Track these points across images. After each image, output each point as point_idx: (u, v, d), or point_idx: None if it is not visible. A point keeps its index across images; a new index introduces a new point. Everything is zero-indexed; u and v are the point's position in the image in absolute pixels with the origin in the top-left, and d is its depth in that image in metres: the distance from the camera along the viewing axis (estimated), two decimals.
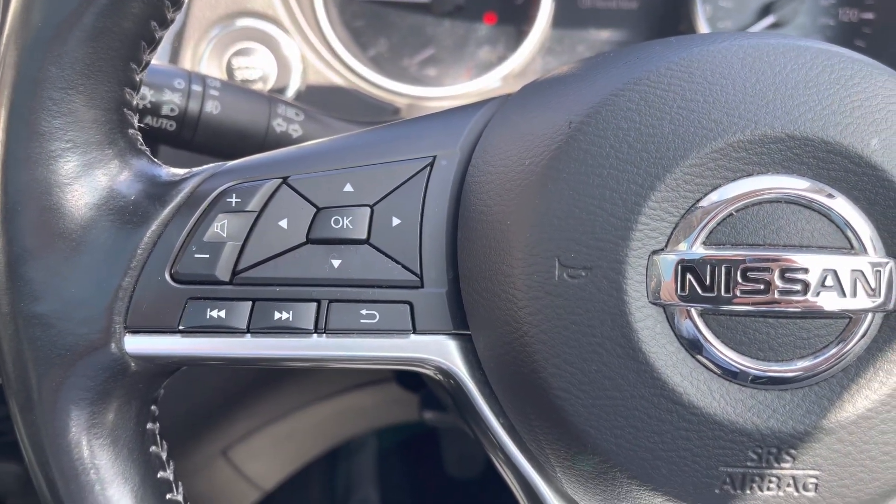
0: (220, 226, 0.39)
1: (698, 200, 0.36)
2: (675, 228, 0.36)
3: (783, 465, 0.36)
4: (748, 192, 0.36)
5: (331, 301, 0.39)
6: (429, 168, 0.41)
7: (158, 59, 0.71)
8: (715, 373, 0.36)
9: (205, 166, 0.42)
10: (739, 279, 0.35)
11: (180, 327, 0.38)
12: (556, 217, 0.37)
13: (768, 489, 0.36)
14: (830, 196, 0.36)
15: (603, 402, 0.36)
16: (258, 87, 0.71)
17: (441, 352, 0.40)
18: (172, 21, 0.40)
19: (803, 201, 0.36)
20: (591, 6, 0.90)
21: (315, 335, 0.39)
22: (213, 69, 0.70)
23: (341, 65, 0.77)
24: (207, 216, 0.39)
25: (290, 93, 0.72)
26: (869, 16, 0.87)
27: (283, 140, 0.58)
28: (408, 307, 0.40)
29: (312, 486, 1.21)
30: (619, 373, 0.36)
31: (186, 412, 0.79)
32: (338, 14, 0.87)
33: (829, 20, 0.87)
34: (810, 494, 0.36)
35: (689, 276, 0.36)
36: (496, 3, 0.89)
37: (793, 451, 0.35)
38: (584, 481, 0.38)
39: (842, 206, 0.36)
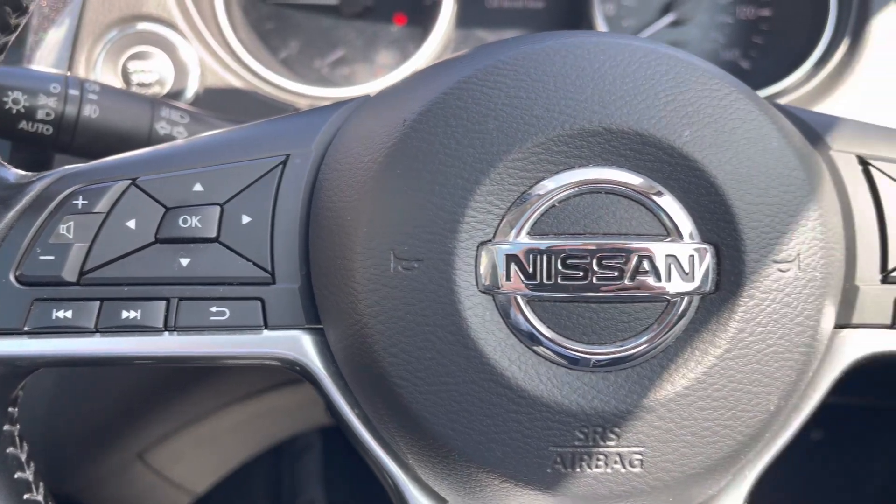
0: (67, 227, 0.39)
1: (523, 193, 0.38)
2: (501, 220, 0.38)
3: (609, 443, 0.37)
4: (569, 184, 0.37)
5: (180, 299, 0.40)
6: (282, 166, 0.42)
7: (48, 63, 0.71)
8: (542, 357, 0.38)
9: (56, 169, 0.42)
10: (560, 267, 0.37)
11: (25, 328, 0.39)
12: (390, 211, 0.38)
13: (597, 467, 0.38)
14: (648, 186, 0.38)
15: (437, 389, 0.37)
16: (154, 90, 0.71)
17: (294, 346, 0.41)
18: (17, 27, 0.40)
19: (622, 192, 0.38)
20: (498, 6, 0.92)
21: (166, 333, 0.40)
22: (108, 73, 0.70)
23: (242, 67, 0.77)
24: (53, 218, 0.39)
25: (188, 96, 0.72)
26: (766, 13, 0.90)
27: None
28: (259, 303, 0.41)
29: (255, 487, 1.21)
30: (451, 360, 0.37)
31: (97, 415, 0.79)
32: (244, 17, 0.87)
33: (728, 18, 0.90)
34: (636, 470, 0.38)
35: (513, 265, 0.37)
36: (405, 3, 0.90)
37: (617, 430, 0.37)
38: (432, 466, 0.40)
39: (659, 195, 0.38)
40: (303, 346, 0.41)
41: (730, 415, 0.38)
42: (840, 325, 0.42)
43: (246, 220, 0.41)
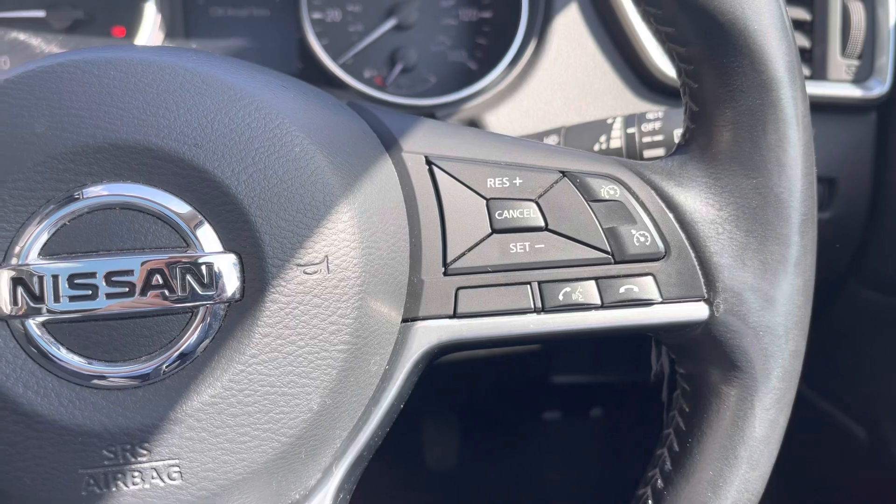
0: None
1: (32, 214, 0.37)
2: (10, 243, 0.37)
3: (140, 458, 0.37)
4: (79, 202, 0.37)
5: None
6: None
7: None
8: (65, 379, 0.37)
9: None
10: (67, 287, 0.36)
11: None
12: None
13: (134, 483, 0.37)
14: (165, 199, 0.38)
15: None
16: None
17: None
18: None
19: (138, 206, 0.38)
20: (223, 14, 0.91)
21: None
22: None
23: None
24: None
25: None
26: (487, 14, 0.93)
27: None
28: None
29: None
30: None
31: None
32: None
33: (452, 20, 0.93)
34: (177, 482, 0.38)
35: (20, 288, 0.36)
36: (122, 14, 0.88)
37: (147, 445, 0.37)
38: None
39: (176, 206, 0.38)
40: None
41: (267, 418, 0.38)
42: (409, 318, 0.44)
43: None
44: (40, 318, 0.37)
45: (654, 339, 0.57)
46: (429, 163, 0.45)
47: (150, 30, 0.82)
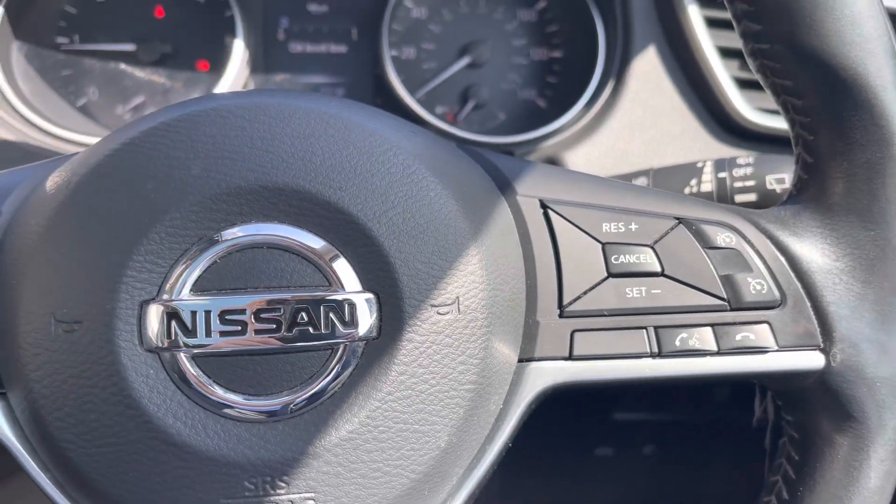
0: None
1: (185, 251, 0.38)
2: (164, 278, 0.38)
3: (279, 491, 0.38)
4: (230, 241, 0.39)
5: None
6: None
7: None
8: (209, 411, 0.38)
9: None
10: (218, 322, 0.38)
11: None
12: (50, 273, 0.38)
13: None
14: (310, 240, 0.39)
15: (105, 450, 0.38)
16: None
17: None
18: None
19: (284, 245, 0.39)
20: (301, 51, 0.94)
21: None
22: None
23: (17, 119, 0.76)
24: None
25: None
26: (558, 54, 0.95)
27: None
28: None
29: None
30: (116, 420, 0.37)
31: None
32: (29, 64, 0.85)
33: (523, 59, 0.95)
34: None
35: (174, 322, 0.38)
36: (206, 48, 0.91)
37: (286, 478, 0.38)
38: None
39: (319, 246, 0.39)
40: None
41: (399, 454, 0.39)
42: (524, 358, 0.44)
43: None
44: (191, 352, 0.38)
45: (758, 385, 0.57)
46: (543, 206, 0.46)
47: (237, 66, 0.85)
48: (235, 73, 0.85)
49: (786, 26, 0.42)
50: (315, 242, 0.39)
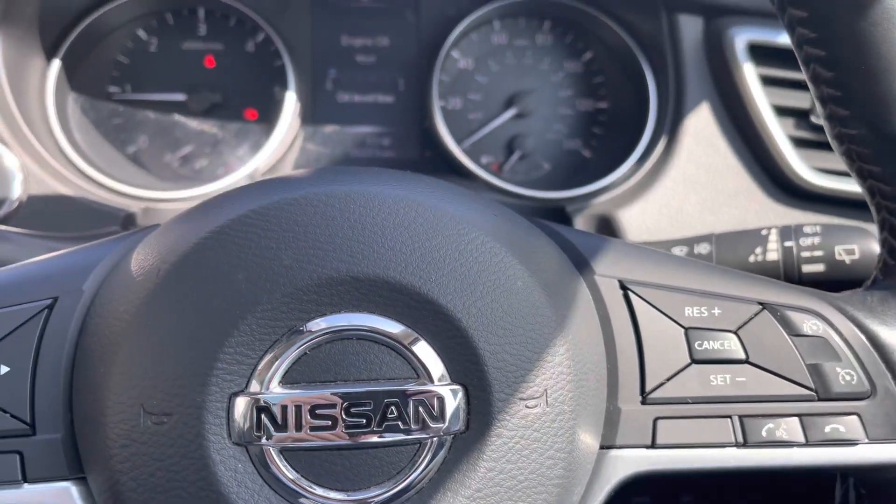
0: None
1: (274, 342, 0.38)
2: (253, 371, 0.38)
3: None
4: (319, 332, 0.38)
5: None
6: (47, 311, 0.41)
7: None
8: None
9: None
10: (309, 417, 0.37)
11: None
12: (140, 365, 0.38)
13: None
14: (398, 331, 0.39)
15: None
16: None
17: (61, 498, 0.40)
18: None
19: (373, 337, 0.39)
20: (349, 100, 0.94)
21: None
22: None
23: (72, 171, 0.76)
24: None
25: (11, 206, 0.71)
26: (604, 105, 0.95)
27: None
28: (17, 457, 0.39)
29: None
30: None
31: None
32: (84, 116, 0.86)
33: (569, 110, 0.95)
34: None
35: (263, 416, 0.37)
36: (256, 98, 0.91)
37: None
38: None
39: (408, 339, 0.39)
40: (71, 498, 0.40)
41: None
42: (605, 446, 0.44)
43: (4, 370, 0.40)
44: (280, 445, 0.38)
45: (839, 472, 0.56)
46: (623, 287, 0.45)
47: (289, 118, 0.85)
48: (287, 125, 0.85)
49: (875, 113, 0.42)
50: (403, 333, 0.39)
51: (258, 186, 0.43)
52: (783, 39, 0.78)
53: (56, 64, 0.82)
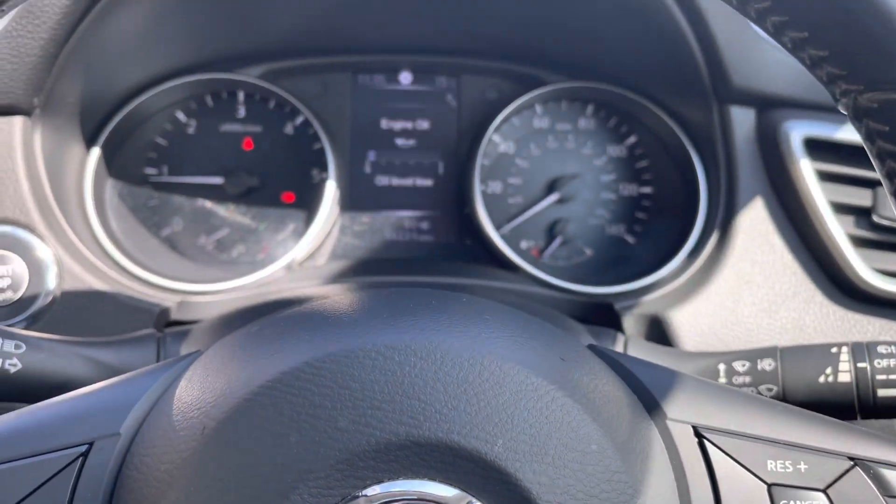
0: None
1: None
2: None
3: None
4: (376, 500, 0.35)
5: None
6: (82, 458, 0.39)
7: None
8: None
9: None
10: None
11: None
12: None
13: None
14: (461, 499, 0.36)
15: None
16: (7, 296, 0.67)
17: None
18: None
19: None
20: (388, 184, 0.92)
21: None
22: None
23: (108, 263, 0.75)
24: None
25: (44, 301, 0.69)
26: (647, 190, 0.92)
27: None
28: None
29: None
30: None
31: None
32: (121, 202, 0.85)
33: (611, 195, 0.92)
34: None
35: None
36: (293, 182, 0.90)
37: None
38: None
39: None
40: None
41: None
42: None
43: None
44: None
45: None
46: (698, 434, 0.42)
47: (329, 205, 0.84)
48: (328, 212, 0.83)
49: None
50: (468, 502, 0.36)
51: (310, 323, 0.40)
52: (841, 134, 0.76)
53: (96, 151, 0.81)
